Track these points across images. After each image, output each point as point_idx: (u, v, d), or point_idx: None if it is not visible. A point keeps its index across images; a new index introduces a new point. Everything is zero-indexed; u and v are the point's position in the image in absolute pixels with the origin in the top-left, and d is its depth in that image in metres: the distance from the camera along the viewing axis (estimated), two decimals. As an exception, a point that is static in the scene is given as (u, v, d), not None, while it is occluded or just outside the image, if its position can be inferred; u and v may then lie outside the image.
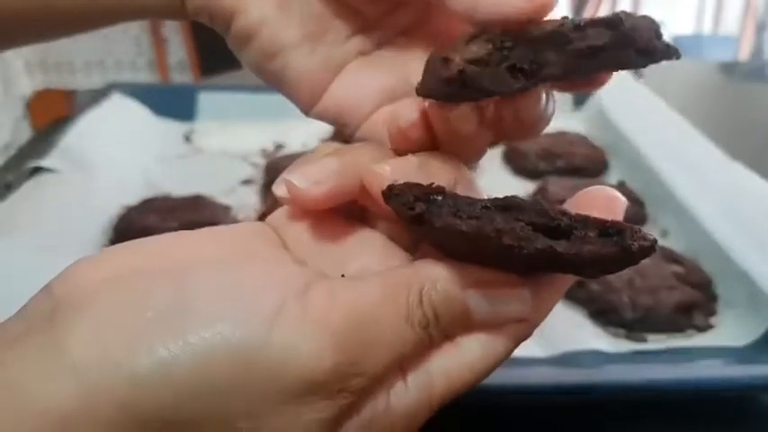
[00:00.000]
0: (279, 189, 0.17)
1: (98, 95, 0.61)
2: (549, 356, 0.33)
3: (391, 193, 0.16)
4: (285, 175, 0.17)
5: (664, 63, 0.22)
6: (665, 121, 0.56)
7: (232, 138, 0.60)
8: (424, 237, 0.17)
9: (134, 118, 0.59)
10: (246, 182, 0.53)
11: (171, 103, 0.63)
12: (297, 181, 0.17)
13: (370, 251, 0.17)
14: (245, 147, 0.59)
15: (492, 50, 0.17)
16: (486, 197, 0.17)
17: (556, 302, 0.17)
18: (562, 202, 0.18)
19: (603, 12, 1.76)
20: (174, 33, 1.63)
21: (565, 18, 0.17)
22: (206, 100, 0.64)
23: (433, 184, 0.16)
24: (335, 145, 0.19)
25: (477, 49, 0.17)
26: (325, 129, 0.62)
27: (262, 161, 0.56)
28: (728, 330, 0.36)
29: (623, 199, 0.17)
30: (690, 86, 0.77)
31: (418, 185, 0.16)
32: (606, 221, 0.15)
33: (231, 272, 0.15)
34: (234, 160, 0.57)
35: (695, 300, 0.37)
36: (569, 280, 0.18)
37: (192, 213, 0.44)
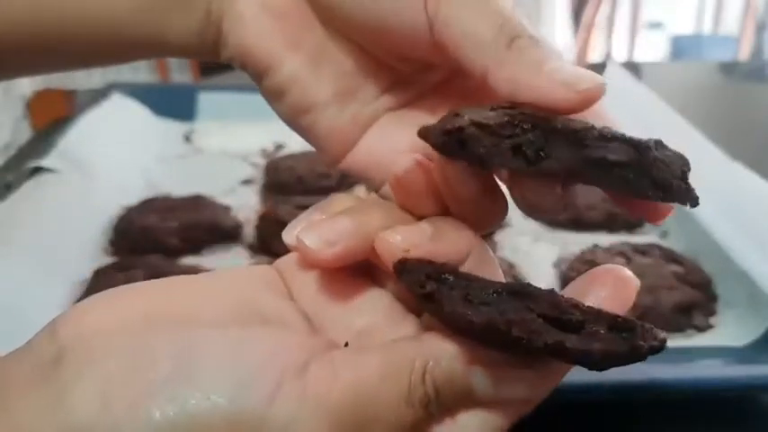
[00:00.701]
0: (289, 238, 0.17)
1: (98, 95, 0.61)
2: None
3: (403, 268, 0.16)
4: (297, 232, 0.17)
5: (663, 62, 0.21)
6: (665, 121, 0.56)
7: (232, 138, 0.60)
8: (432, 313, 0.16)
9: (134, 118, 0.60)
10: (246, 182, 0.53)
11: (171, 103, 0.63)
12: (308, 241, 0.17)
13: (376, 310, 0.17)
14: (245, 147, 0.59)
15: (505, 123, 0.17)
16: (500, 272, 0.17)
17: (558, 382, 0.17)
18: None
19: (603, 12, 1.76)
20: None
21: (605, 128, 0.17)
22: (206, 100, 0.64)
23: (445, 264, 0.16)
24: (349, 199, 0.18)
25: (492, 116, 0.17)
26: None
27: (262, 161, 0.56)
28: (728, 330, 0.36)
29: (635, 281, 0.17)
30: (690, 86, 0.78)
31: (431, 263, 0.16)
32: (618, 317, 0.15)
33: (235, 339, 0.15)
34: (234, 160, 0.57)
35: (695, 300, 0.37)
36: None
37: (192, 213, 0.44)
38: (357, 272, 0.18)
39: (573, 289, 0.17)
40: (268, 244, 0.43)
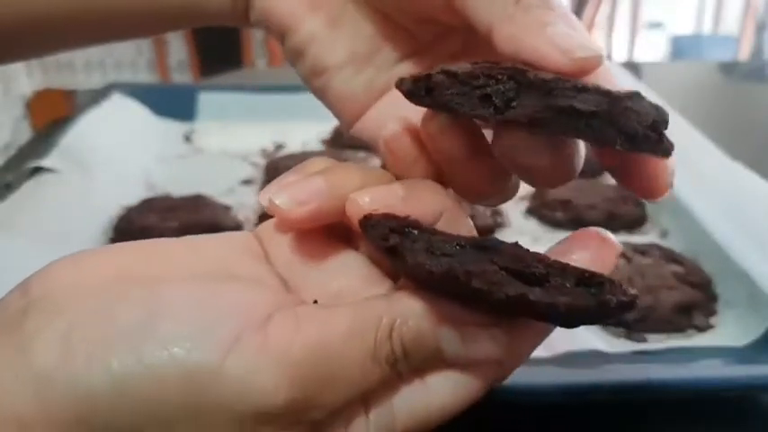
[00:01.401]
0: (263, 199, 0.17)
1: (98, 95, 0.61)
2: (548, 356, 0.33)
3: (367, 223, 0.16)
4: (269, 192, 0.17)
5: (664, 62, 0.21)
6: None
7: (232, 138, 0.60)
8: (397, 268, 0.16)
9: (134, 118, 0.60)
10: (246, 182, 0.53)
11: (171, 103, 0.63)
12: (279, 200, 0.16)
13: (351, 273, 0.17)
14: (245, 147, 0.59)
15: (475, 73, 0.16)
16: (473, 232, 0.16)
17: (534, 348, 0.17)
18: (563, 202, 0.18)
19: (603, 11, 1.76)
20: (175, 34, 1.63)
21: (581, 81, 0.16)
22: (206, 100, 0.64)
23: (409, 216, 0.16)
24: (326, 161, 0.18)
25: (465, 67, 0.17)
26: (326, 129, 0.62)
27: (262, 161, 0.56)
28: (728, 330, 0.36)
29: (616, 244, 0.16)
30: (690, 86, 0.77)
31: (395, 217, 0.15)
32: (586, 271, 0.14)
33: (199, 293, 0.15)
34: (234, 160, 0.57)
35: (695, 300, 0.37)
36: (549, 327, 0.17)
37: (192, 213, 0.44)
38: (333, 234, 0.17)
39: (554, 252, 0.17)
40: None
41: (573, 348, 0.34)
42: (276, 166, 0.53)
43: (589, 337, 0.35)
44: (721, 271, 0.39)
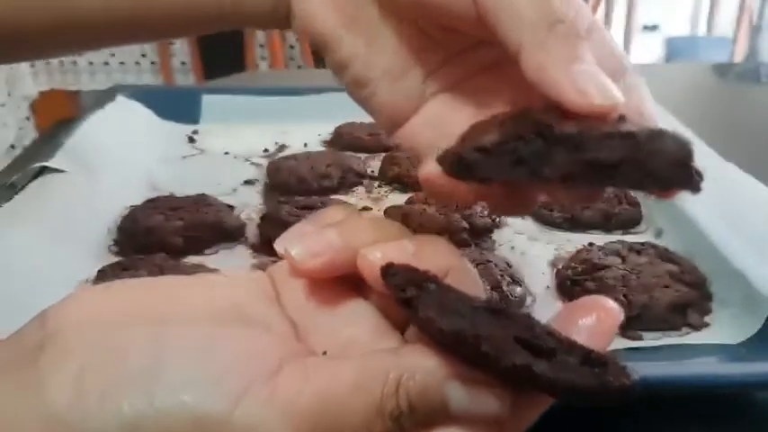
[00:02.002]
0: (280, 247, 0.18)
1: (103, 97, 0.62)
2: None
3: (388, 272, 0.16)
4: (285, 241, 0.17)
5: (656, 62, 0.22)
6: (659, 122, 0.56)
7: (235, 139, 0.61)
8: (412, 320, 0.16)
9: (138, 119, 0.60)
10: (249, 182, 0.54)
11: (174, 104, 0.63)
12: (294, 251, 0.17)
13: (361, 322, 0.17)
14: (247, 147, 0.59)
15: (505, 140, 0.17)
16: (482, 291, 0.17)
17: (536, 416, 0.17)
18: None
19: (598, 13, 1.76)
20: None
21: (609, 127, 0.16)
22: (209, 102, 0.65)
23: (429, 272, 0.16)
24: (342, 211, 0.19)
25: (496, 136, 0.17)
26: (327, 130, 0.63)
27: (264, 161, 0.57)
28: (723, 328, 0.36)
29: (619, 312, 0.17)
30: (684, 88, 0.78)
31: (415, 270, 0.16)
32: (592, 351, 0.15)
33: (209, 338, 0.15)
34: (237, 161, 0.58)
35: (690, 298, 0.37)
36: (550, 400, 0.17)
37: (196, 213, 0.45)
38: (345, 283, 0.18)
39: (558, 316, 0.17)
40: (269, 244, 0.43)
41: (568, 345, 0.34)
42: (278, 167, 0.53)
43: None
44: (716, 270, 0.39)
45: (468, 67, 0.23)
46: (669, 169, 0.17)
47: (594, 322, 0.16)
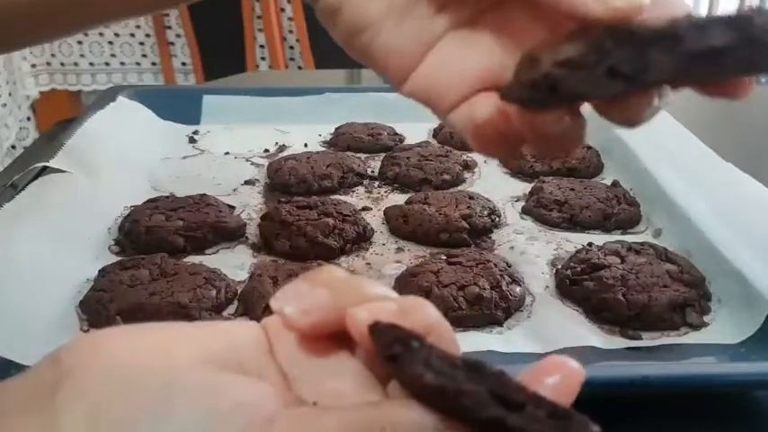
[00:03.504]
0: (275, 304, 0.18)
1: (103, 98, 0.62)
2: (542, 352, 0.34)
3: (376, 329, 0.17)
4: (280, 301, 0.18)
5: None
6: (658, 121, 0.56)
7: (235, 139, 0.61)
8: (395, 375, 0.17)
9: (139, 120, 0.60)
10: (249, 182, 0.54)
11: (175, 105, 0.64)
12: (287, 309, 0.18)
13: (346, 375, 0.18)
14: (248, 148, 0.60)
15: (587, 51, 0.15)
16: (460, 351, 0.17)
17: None
18: (558, 202, 0.18)
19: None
20: (179, 37, 1.64)
21: (686, 16, 0.15)
22: (210, 103, 0.65)
23: (413, 332, 0.17)
24: (335, 272, 0.19)
25: (571, 50, 0.16)
26: (326, 130, 0.63)
27: (264, 162, 0.57)
28: (722, 328, 0.36)
29: (581, 372, 0.17)
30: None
31: (400, 329, 0.17)
32: (557, 406, 0.16)
33: (213, 383, 0.16)
34: (237, 161, 0.58)
35: (689, 298, 0.37)
36: None
37: (197, 213, 0.45)
38: (333, 339, 0.18)
39: (527, 373, 0.17)
40: (270, 243, 0.44)
41: (567, 345, 0.34)
42: (278, 167, 0.53)
43: (584, 334, 0.35)
44: (715, 270, 0.39)
45: (476, 6, 0.21)
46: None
47: (558, 381, 0.17)
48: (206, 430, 0.15)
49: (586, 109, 0.19)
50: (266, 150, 0.60)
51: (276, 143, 0.61)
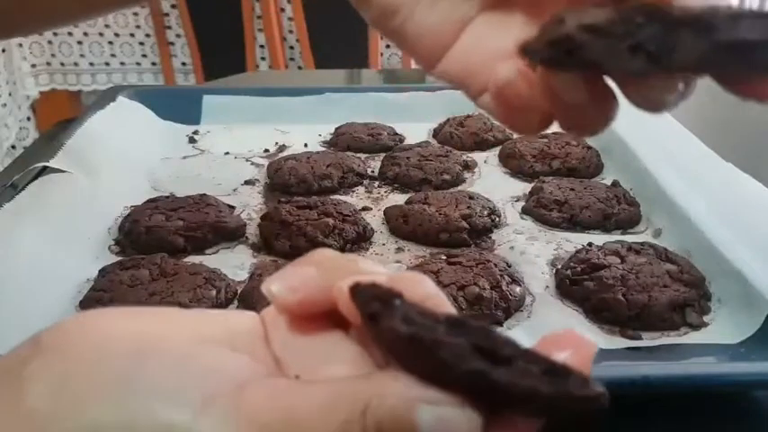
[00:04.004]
0: (265, 288, 0.18)
1: (103, 98, 0.62)
2: (543, 352, 0.34)
3: (356, 289, 0.16)
4: (268, 281, 0.18)
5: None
6: (658, 121, 0.56)
7: (235, 139, 0.61)
8: (378, 339, 0.16)
9: (139, 120, 0.60)
10: (249, 182, 0.54)
11: (175, 105, 0.64)
12: (274, 287, 0.17)
13: (341, 359, 0.17)
14: (248, 148, 0.60)
15: (616, 20, 0.15)
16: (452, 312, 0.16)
17: None
18: (558, 201, 0.17)
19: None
20: (179, 38, 1.64)
21: (725, 6, 0.15)
22: (210, 103, 0.65)
23: (395, 290, 0.16)
24: (328, 253, 0.19)
25: (600, 15, 0.15)
26: (326, 130, 0.63)
27: (264, 162, 0.57)
28: (722, 328, 0.36)
29: (592, 345, 0.16)
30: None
31: (381, 287, 0.16)
32: (556, 363, 0.14)
33: (188, 354, 0.16)
34: (237, 161, 0.58)
35: (689, 298, 0.37)
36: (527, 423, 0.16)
37: (197, 213, 0.45)
38: (328, 322, 0.18)
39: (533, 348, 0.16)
40: (270, 243, 0.44)
41: (567, 345, 0.34)
42: (278, 167, 0.53)
43: (583, 334, 0.35)
44: (715, 270, 0.39)
45: None
46: None
47: (569, 355, 0.16)
48: (171, 399, 0.15)
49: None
50: (266, 150, 0.60)
51: (276, 143, 0.61)
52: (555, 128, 0.21)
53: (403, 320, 0.14)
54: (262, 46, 1.60)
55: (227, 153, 0.59)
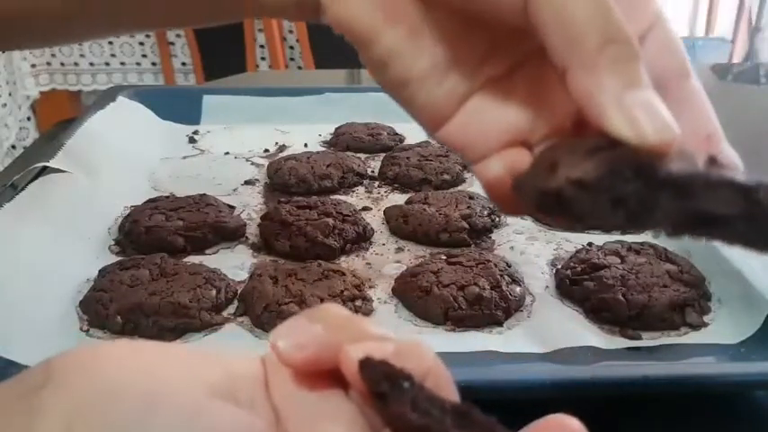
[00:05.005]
0: (271, 339, 0.18)
1: (104, 98, 0.62)
2: (542, 352, 0.34)
3: (365, 364, 0.16)
4: (275, 334, 0.18)
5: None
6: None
7: (235, 139, 0.61)
8: (382, 414, 0.17)
9: (139, 120, 0.60)
10: (249, 182, 0.54)
11: (175, 105, 0.64)
12: (281, 343, 0.17)
13: (338, 418, 0.17)
14: (248, 148, 0.60)
15: (605, 175, 0.15)
16: (456, 396, 0.17)
17: None
18: None
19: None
20: (179, 37, 1.64)
21: (711, 173, 0.15)
22: (210, 103, 0.65)
23: (404, 370, 0.16)
24: (336, 310, 0.19)
25: (591, 169, 0.15)
26: (326, 130, 0.63)
27: (264, 162, 0.57)
28: (722, 328, 0.36)
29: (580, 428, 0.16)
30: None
31: (391, 366, 0.16)
32: None
33: (198, 406, 0.16)
34: (237, 161, 0.58)
35: (689, 298, 0.37)
36: None
37: (197, 213, 0.45)
38: (330, 378, 0.18)
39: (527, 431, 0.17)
40: (270, 243, 0.44)
41: (567, 345, 0.34)
42: (278, 167, 0.53)
43: (584, 334, 0.36)
44: (715, 270, 0.39)
45: (514, 58, 0.22)
46: None
47: None
48: None
49: None
50: (266, 150, 0.60)
51: (276, 143, 0.61)
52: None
53: (412, 407, 0.15)
54: (262, 46, 1.60)
55: (227, 153, 0.59)
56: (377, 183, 0.54)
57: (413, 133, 0.61)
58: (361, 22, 0.21)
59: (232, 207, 0.48)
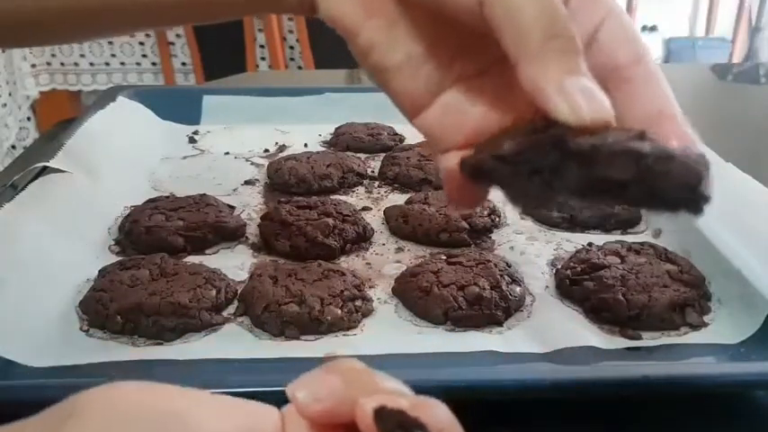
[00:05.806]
0: (290, 392, 0.18)
1: (104, 98, 0.62)
2: (542, 352, 0.34)
3: (380, 413, 0.17)
4: (294, 386, 0.18)
5: (656, 62, 0.22)
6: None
7: (235, 139, 0.61)
8: None
9: (139, 120, 0.60)
10: (249, 182, 0.54)
11: (175, 105, 0.64)
12: (300, 394, 0.18)
13: None
14: (248, 148, 0.60)
15: (524, 150, 0.18)
16: None
17: None
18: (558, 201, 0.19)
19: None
20: (179, 37, 1.64)
21: (618, 142, 0.17)
22: (210, 103, 0.65)
23: (419, 420, 0.16)
24: (354, 364, 0.19)
25: (513, 145, 0.18)
26: (326, 130, 0.63)
27: (264, 162, 0.57)
28: (722, 328, 0.36)
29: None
30: (683, 88, 0.78)
31: (406, 415, 0.16)
32: None
33: None
34: (237, 161, 0.58)
35: (689, 298, 0.37)
36: None
37: (197, 213, 0.45)
38: (347, 429, 0.18)
39: None
40: (270, 243, 0.44)
41: (567, 345, 0.34)
42: (278, 167, 0.53)
43: (583, 334, 0.36)
44: (715, 270, 0.39)
45: (483, 61, 0.24)
46: (675, 192, 0.17)
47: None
48: None
49: None
50: (266, 150, 0.60)
51: (276, 143, 0.61)
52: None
53: None
54: (262, 46, 1.60)
55: (227, 153, 0.59)
56: (377, 183, 0.54)
57: (413, 133, 0.61)
58: (347, 17, 0.24)
59: (232, 207, 0.48)
